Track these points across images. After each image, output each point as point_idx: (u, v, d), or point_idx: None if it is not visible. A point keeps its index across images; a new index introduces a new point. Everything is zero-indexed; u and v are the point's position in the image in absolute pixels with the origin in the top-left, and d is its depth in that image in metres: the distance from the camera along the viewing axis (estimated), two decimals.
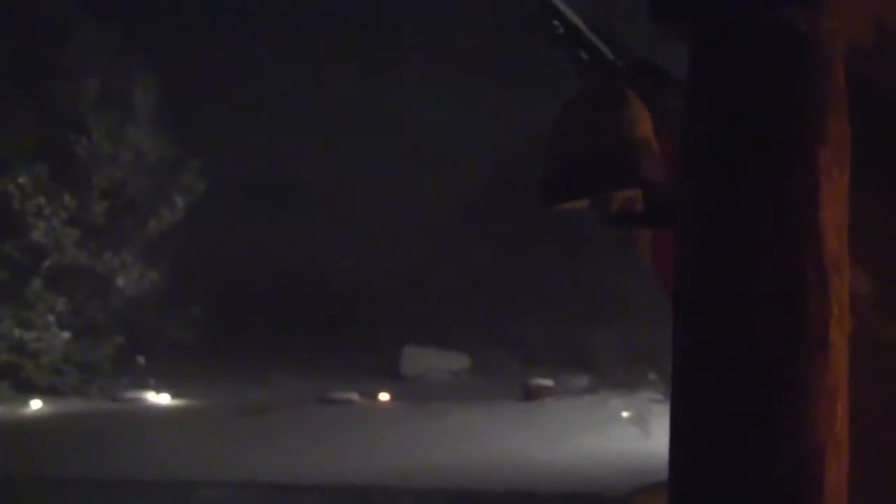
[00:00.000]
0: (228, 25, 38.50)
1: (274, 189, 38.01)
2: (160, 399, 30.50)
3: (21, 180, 29.49)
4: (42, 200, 29.73)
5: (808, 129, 2.29)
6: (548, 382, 29.30)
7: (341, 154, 38.54)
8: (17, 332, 29.52)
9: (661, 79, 4.87)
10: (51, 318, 30.25)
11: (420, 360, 33.58)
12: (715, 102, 2.42)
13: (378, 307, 36.19)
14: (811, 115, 2.29)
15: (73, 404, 30.04)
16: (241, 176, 36.37)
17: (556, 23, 4.92)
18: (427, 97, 37.31)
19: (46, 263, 30.52)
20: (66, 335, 30.41)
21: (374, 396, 29.85)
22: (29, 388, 30.44)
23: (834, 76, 2.23)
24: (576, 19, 4.95)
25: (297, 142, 38.37)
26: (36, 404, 29.54)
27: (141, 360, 32.75)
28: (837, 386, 2.21)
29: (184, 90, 34.81)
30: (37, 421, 28.65)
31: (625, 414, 25.63)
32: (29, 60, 31.35)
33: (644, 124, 4.53)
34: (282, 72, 38.46)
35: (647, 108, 4.61)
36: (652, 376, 27.80)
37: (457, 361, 34.11)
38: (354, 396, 29.51)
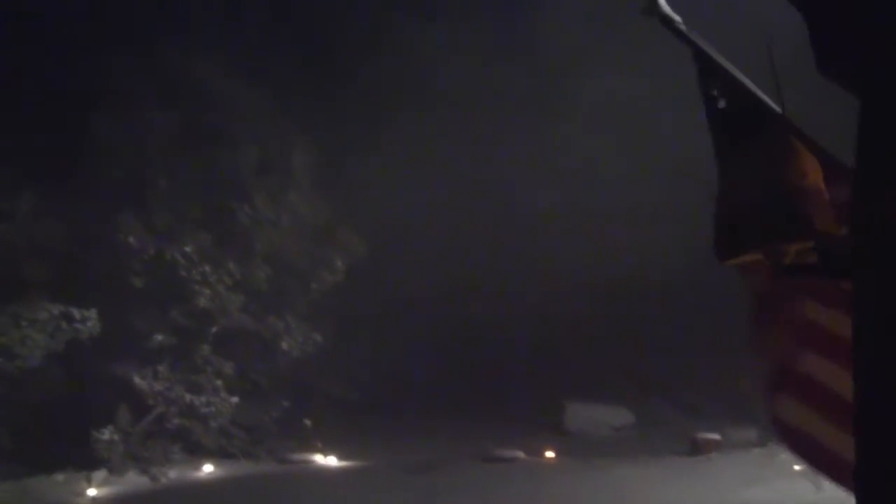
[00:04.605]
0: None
1: (432, 246, 38.21)
2: (328, 461, 30.78)
3: (187, 248, 30.19)
4: (207, 268, 30.37)
5: None
6: (714, 436, 28.61)
7: (501, 204, 38.67)
8: (187, 397, 30.08)
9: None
10: (219, 382, 30.79)
11: (583, 415, 33.25)
12: (889, 150, 2.33)
13: (540, 361, 35.99)
14: None
15: (243, 467, 30.51)
16: (398, 233, 36.69)
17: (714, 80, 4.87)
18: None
19: (213, 329, 31.15)
20: (234, 399, 30.89)
21: (539, 453, 29.60)
22: (199, 451, 31.01)
23: None
24: (739, 73, 4.87)
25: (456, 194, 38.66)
26: (208, 468, 30.08)
27: (307, 422, 33.10)
28: None
29: (339, 152, 35.33)
30: (211, 484, 29.14)
31: (796, 467, 24.80)
32: (192, 131, 32.21)
33: (815, 175, 4.41)
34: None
35: (817, 159, 4.50)
36: None
37: (620, 416, 33.68)
38: (519, 454, 29.31)
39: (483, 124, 38.18)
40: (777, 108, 4.78)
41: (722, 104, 4.87)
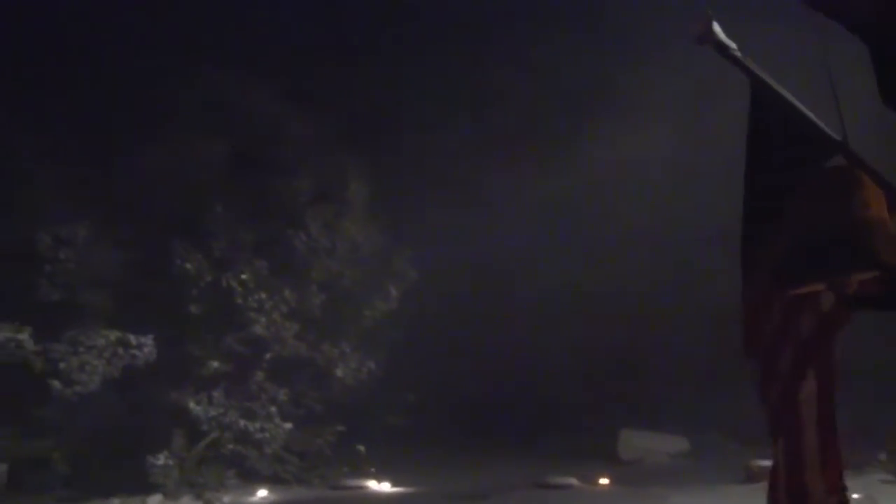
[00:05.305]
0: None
1: (483, 274, 38.15)
2: (382, 487, 30.71)
3: (244, 276, 30.36)
4: (263, 295, 30.52)
5: None
6: (770, 464, 28.04)
7: (547, 233, 38.57)
8: (241, 423, 30.20)
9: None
10: (273, 408, 30.91)
11: (638, 443, 33.02)
12: None
13: (593, 389, 35.78)
14: None
15: (297, 493, 30.52)
16: (452, 263, 36.63)
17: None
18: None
19: (268, 356, 31.28)
20: (288, 425, 30.98)
21: (593, 480, 29.40)
22: (254, 477, 31.10)
23: None
24: (797, 102, 4.85)
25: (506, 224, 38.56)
26: (262, 493, 30.12)
27: (361, 448, 33.13)
28: None
29: (393, 180, 35.36)
30: None
31: (854, 496, 24.41)
32: (247, 157, 32.43)
33: (878, 205, 4.37)
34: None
35: (880, 189, 4.45)
36: (882, 456, 26.62)
37: (675, 444, 33.39)
38: (573, 481, 29.10)
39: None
40: (838, 138, 4.75)
41: (778, 134, 4.85)
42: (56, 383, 28.43)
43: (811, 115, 4.83)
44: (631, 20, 35.33)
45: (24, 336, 28.30)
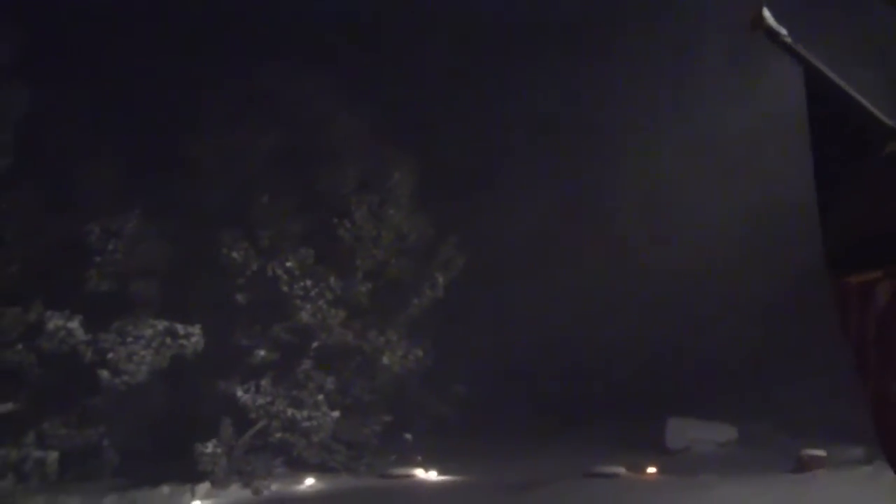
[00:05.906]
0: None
1: (533, 261, 38.04)
2: (428, 476, 30.75)
3: (289, 264, 30.46)
4: (309, 283, 30.60)
5: None
6: (820, 453, 27.72)
7: (600, 225, 38.37)
8: (289, 412, 30.33)
9: None
10: (320, 396, 30.99)
11: (685, 432, 32.72)
12: None
13: (641, 378, 35.59)
14: None
15: (344, 481, 30.65)
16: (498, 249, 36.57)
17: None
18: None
19: (314, 344, 31.38)
20: (335, 413, 31.06)
21: (641, 470, 29.25)
22: (301, 465, 31.25)
23: None
24: (851, 90, 4.76)
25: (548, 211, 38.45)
26: (309, 481, 30.28)
27: (408, 437, 33.22)
28: None
29: (440, 168, 35.29)
30: (312, 498, 29.26)
31: None
32: (292, 147, 32.49)
33: None
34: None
35: None
36: None
37: (723, 433, 33.07)
38: (621, 470, 28.96)
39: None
40: (894, 125, 4.67)
41: (833, 122, 4.78)
42: (105, 373, 28.68)
43: (865, 102, 4.75)
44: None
45: (75, 324, 28.58)
